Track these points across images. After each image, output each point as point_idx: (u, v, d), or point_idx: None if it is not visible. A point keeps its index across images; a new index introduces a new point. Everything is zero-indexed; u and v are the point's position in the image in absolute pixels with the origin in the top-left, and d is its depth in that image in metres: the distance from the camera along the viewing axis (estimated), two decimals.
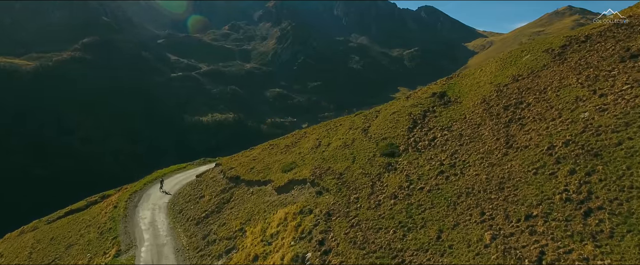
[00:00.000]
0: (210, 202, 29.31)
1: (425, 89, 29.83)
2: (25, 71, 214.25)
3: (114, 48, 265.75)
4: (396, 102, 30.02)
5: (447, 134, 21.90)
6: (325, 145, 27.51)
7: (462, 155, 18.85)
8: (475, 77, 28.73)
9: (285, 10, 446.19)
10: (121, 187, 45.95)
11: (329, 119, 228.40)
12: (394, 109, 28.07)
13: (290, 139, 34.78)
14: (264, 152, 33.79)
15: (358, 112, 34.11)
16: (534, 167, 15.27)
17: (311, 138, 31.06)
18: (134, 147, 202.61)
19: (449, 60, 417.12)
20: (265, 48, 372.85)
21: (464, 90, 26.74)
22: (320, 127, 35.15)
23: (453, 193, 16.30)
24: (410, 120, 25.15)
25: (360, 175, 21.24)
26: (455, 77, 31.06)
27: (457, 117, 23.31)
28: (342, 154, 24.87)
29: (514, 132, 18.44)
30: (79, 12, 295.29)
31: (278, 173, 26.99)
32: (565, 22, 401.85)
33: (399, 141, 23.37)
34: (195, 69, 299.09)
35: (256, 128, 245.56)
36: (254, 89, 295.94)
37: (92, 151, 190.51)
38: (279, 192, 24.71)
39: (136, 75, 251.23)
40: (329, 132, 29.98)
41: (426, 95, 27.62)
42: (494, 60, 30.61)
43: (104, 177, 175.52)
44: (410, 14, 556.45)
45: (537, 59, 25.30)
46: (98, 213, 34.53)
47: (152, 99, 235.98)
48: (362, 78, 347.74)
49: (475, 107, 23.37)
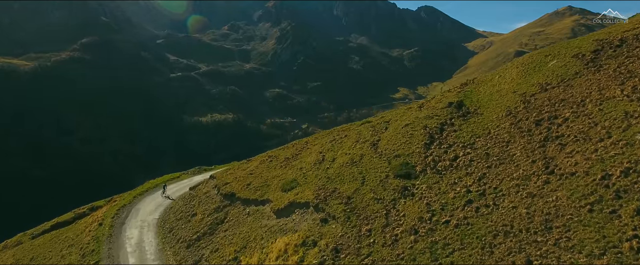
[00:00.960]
0: (203, 221, 26.60)
1: (440, 98, 26.86)
2: (24, 71, 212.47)
3: (113, 48, 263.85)
4: (408, 112, 26.83)
5: (470, 153, 19.09)
6: (330, 161, 24.84)
7: (492, 180, 16.15)
8: (494, 84, 26.13)
9: (284, 11, 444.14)
10: (111, 198, 43.29)
11: (329, 119, 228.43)
12: (406, 120, 25.09)
13: (291, 150, 31.93)
14: (262, 165, 30.98)
15: (364, 121, 31.13)
16: (587, 201, 12.58)
17: (314, 151, 28.19)
18: (133, 147, 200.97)
19: (449, 61, 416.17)
20: (264, 48, 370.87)
21: (483, 100, 24.13)
22: (323, 137, 32.40)
23: (487, 231, 13.59)
24: (426, 134, 22.54)
25: (371, 200, 18.45)
26: (470, 84, 28.25)
27: (480, 132, 20.53)
28: (349, 172, 22.29)
29: (553, 154, 15.75)
30: (78, 12, 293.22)
31: (277, 192, 24.38)
32: (566, 22, 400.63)
33: (414, 160, 20.73)
34: (195, 69, 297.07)
35: (256, 128, 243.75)
36: (254, 89, 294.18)
37: (91, 152, 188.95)
38: (278, 216, 21.98)
39: (135, 75, 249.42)
40: (333, 145, 27.10)
41: (442, 105, 24.79)
42: (514, 65, 27.84)
43: (103, 177, 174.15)
44: (410, 14, 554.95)
45: (567, 66, 22.66)
46: (82, 230, 31.85)
47: (152, 100, 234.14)
48: (362, 78, 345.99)
49: (500, 120, 20.66)
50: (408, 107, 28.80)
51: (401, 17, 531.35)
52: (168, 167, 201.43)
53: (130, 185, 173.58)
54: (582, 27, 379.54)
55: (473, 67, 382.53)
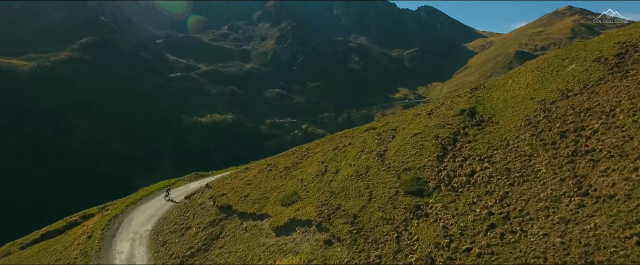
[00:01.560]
0: (197, 236, 24.89)
1: (450, 104, 25.08)
2: (23, 71, 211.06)
3: (112, 48, 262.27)
4: (416, 120, 25.14)
5: (489, 168, 17.50)
6: (333, 173, 23.18)
7: (516, 200, 14.50)
8: (507, 89, 24.56)
9: (284, 10, 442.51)
10: (104, 206, 41.53)
11: (329, 119, 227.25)
12: (415, 128, 23.67)
13: (291, 158, 30.22)
14: (261, 174, 29.27)
15: (368, 127, 29.28)
16: (633, 231, 10.92)
17: (315, 160, 26.51)
18: (132, 148, 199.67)
19: (449, 61, 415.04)
20: (264, 48, 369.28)
21: (498, 107, 22.59)
22: (325, 144, 30.58)
23: (515, 262, 11.94)
24: (438, 145, 20.91)
25: (380, 220, 16.73)
26: (481, 88, 26.71)
27: (498, 144, 18.95)
28: (354, 187, 20.61)
29: (585, 172, 14.10)
30: (77, 12, 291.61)
31: (277, 206, 22.92)
32: (566, 23, 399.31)
33: (427, 174, 19.07)
34: (194, 69, 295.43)
35: (255, 129, 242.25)
36: (253, 89, 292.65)
37: (90, 152, 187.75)
38: (277, 234, 20.27)
39: (135, 75, 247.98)
40: (336, 155, 25.48)
41: (453, 112, 23.16)
42: (527, 69, 26.28)
43: (102, 178, 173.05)
44: (410, 14, 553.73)
45: (588, 71, 21.00)
46: (71, 243, 30.18)
47: (151, 100, 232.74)
48: (362, 78, 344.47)
49: (518, 130, 19.07)
50: (416, 113, 26.91)
51: (401, 17, 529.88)
52: (167, 168, 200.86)
53: (129, 186, 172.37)
54: (582, 27, 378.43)
55: (473, 67, 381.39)
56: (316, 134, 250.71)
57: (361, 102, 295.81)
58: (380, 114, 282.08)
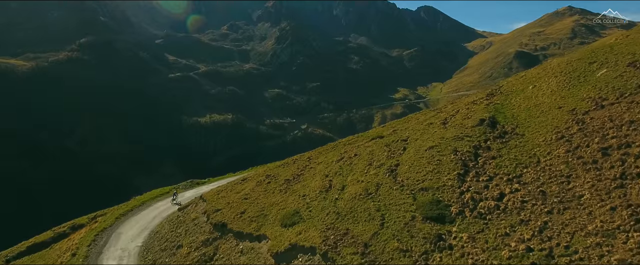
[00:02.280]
0: (189, 257, 22.64)
1: (466, 112, 23.02)
2: (22, 72, 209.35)
3: (111, 48, 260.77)
4: (430, 129, 23.28)
5: (520, 190, 15.44)
6: (339, 189, 20.84)
7: (559, 233, 12.29)
8: (528, 95, 22.58)
9: (284, 10, 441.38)
10: (94, 216, 39.40)
11: (329, 120, 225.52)
12: (430, 140, 21.55)
13: (292, 169, 27.92)
14: (259, 187, 26.95)
15: (375, 135, 27.11)
16: None
17: (318, 172, 24.30)
18: (131, 148, 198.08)
19: (449, 61, 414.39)
20: (264, 48, 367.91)
21: (520, 116, 20.67)
22: (328, 153, 28.41)
23: None
24: (457, 161, 18.59)
25: (395, 252, 14.36)
26: (498, 94, 24.62)
27: (527, 161, 16.94)
28: (364, 208, 18.28)
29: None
30: (76, 12, 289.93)
31: (276, 226, 20.74)
32: (566, 23, 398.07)
33: (447, 196, 16.78)
34: (194, 69, 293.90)
35: (255, 129, 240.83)
36: (253, 89, 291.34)
37: (89, 153, 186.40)
38: (277, 260, 17.92)
39: (134, 75, 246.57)
40: (341, 168, 23.30)
41: (471, 122, 21.10)
42: (549, 72, 24.23)
43: (101, 179, 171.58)
44: (410, 14, 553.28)
45: (623, 77, 18.91)
46: (54, 260, 28.07)
47: (150, 100, 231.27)
48: (362, 78, 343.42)
49: (549, 145, 17.07)
50: (427, 121, 24.74)
51: (401, 17, 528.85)
52: (167, 168, 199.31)
53: (128, 186, 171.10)
54: (583, 28, 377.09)
55: (473, 68, 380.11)
56: (316, 134, 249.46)
57: (361, 102, 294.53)
58: (380, 114, 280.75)
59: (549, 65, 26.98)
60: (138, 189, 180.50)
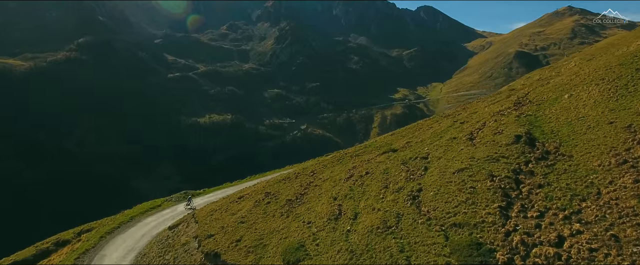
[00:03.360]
0: None
1: (495, 125, 20.77)
2: (19, 72, 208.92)
3: (110, 48, 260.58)
4: (454, 146, 20.29)
5: (583, 232, 12.98)
6: (351, 218, 17.93)
7: None
8: (565, 106, 20.37)
9: (283, 10, 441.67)
10: (81, 230, 37.95)
11: (328, 120, 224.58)
12: (458, 161, 18.66)
13: (294, 186, 25.23)
14: (257, 208, 24.37)
15: (387, 148, 24.97)
16: None
17: (324, 191, 21.71)
18: (130, 149, 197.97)
19: (449, 61, 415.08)
20: (263, 48, 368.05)
21: (561, 132, 18.41)
22: (334, 167, 26.31)
23: None
24: (496, 189, 15.78)
25: None
26: (528, 104, 22.41)
27: (583, 191, 14.66)
28: (383, 246, 15.48)
29: None
30: (74, 12, 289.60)
31: (277, 261, 18.68)
32: (566, 23, 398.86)
33: (489, 237, 13.97)
34: (193, 69, 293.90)
35: (254, 129, 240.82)
36: (252, 89, 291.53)
37: (87, 153, 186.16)
38: None
39: (133, 75, 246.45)
40: (352, 189, 20.48)
41: (505, 138, 18.85)
42: (587, 79, 22.15)
43: (100, 180, 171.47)
44: (410, 14, 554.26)
45: None
46: None
47: (149, 100, 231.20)
48: (361, 78, 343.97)
49: (609, 171, 14.93)
50: (450, 135, 21.86)
51: (400, 17, 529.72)
52: (166, 169, 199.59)
53: (126, 187, 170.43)
54: (583, 28, 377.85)
55: (473, 68, 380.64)
56: (315, 134, 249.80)
57: (361, 102, 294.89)
58: (380, 114, 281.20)
59: (583, 69, 25.05)
60: (136, 190, 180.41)
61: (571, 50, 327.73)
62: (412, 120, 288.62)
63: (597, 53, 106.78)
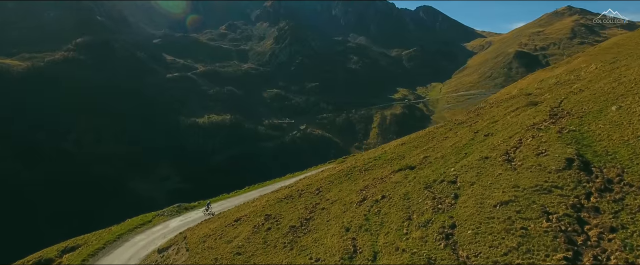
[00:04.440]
0: None
1: (536, 144, 17.37)
2: (17, 71, 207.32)
3: (108, 48, 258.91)
4: (488, 168, 16.94)
5: None
6: (369, 259, 14.74)
7: None
8: (614, 120, 17.26)
9: (282, 10, 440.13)
10: (65, 247, 35.24)
11: (328, 120, 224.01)
12: (498, 190, 14.91)
13: (298, 207, 22.09)
14: (257, 236, 21.03)
15: (402, 165, 21.92)
16: None
17: (334, 217, 18.75)
18: (128, 149, 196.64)
19: (448, 61, 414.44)
20: (262, 48, 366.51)
21: (620, 153, 15.20)
22: (342, 184, 23.66)
23: None
24: (557, 234, 12.36)
25: None
26: (567, 116, 19.43)
27: None
28: None
29: None
30: (72, 11, 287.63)
31: None
32: (565, 23, 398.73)
33: None
34: (192, 69, 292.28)
35: (253, 129, 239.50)
36: (252, 89, 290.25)
37: (85, 154, 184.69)
38: None
39: (131, 75, 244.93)
40: (367, 218, 17.06)
41: (554, 162, 15.32)
42: (631, 88, 19.56)
43: (98, 180, 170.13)
44: (409, 14, 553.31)
45: None
46: None
47: (148, 100, 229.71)
48: (361, 78, 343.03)
49: None
50: (481, 154, 18.55)
51: (400, 17, 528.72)
52: (164, 169, 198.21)
53: (124, 188, 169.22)
54: (582, 27, 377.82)
55: (472, 68, 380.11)
56: (315, 134, 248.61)
57: (360, 102, 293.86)
58: (380, 114, 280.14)
59: (625, 74, 22.22)
60: (134, 191, 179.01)
61: (571, 50, 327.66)
62: (412, 120, 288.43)
63: (603, 53, 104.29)
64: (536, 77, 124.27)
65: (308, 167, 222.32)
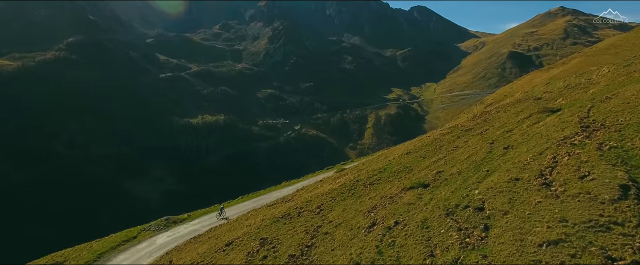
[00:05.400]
0: None
1: (575, 164, 14.96)
2: (7, 71, 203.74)
3: (100, 48, 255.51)
4: (522, 192, 14.24)
5: None
6: None
7: None
8: None
9: (276, 10, 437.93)
10: None
11: (322, 120, 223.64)
12: (541, 224, 12.06)
13: (298, 230, 19.59)
14: None
15: (415, 183, 19.17)
16: None
17: (340, 246, 16.09)
18: (121, 150, 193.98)
19: (443, 61, 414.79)
20: (256, 48, 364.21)
21: None
22: (345, 201, 21.15)
23: None
24: None
25: None
26: (601, 129, 17.02)
27: None
28: None
29: None
30: (64, 10, 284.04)
31: None
32: (558, 23, 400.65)
33: None
34: (185, 69, 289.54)
35: (248, 130, 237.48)
36: (246, 89, 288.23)
37: (77, 155, 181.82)
38: None
39: (124, 75, 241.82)
40: (380, 250, 14.44)
41: (606, 191, 12.62)
42: None
43: (89, 182, 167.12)
44: (403, 14, 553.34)
45: None
46: None
47: (141, 101, 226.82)
48: (355, 79, 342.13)
49: None
50: (510, 175, 15.59)
51: (394, 17, 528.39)
52: (158, 170, 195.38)
53: (117, 189, 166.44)
54: (575, 28, 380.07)
55: (466, 68, 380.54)
56: (309, 135, 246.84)
57: (354, 102, 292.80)
58: (374, 114, 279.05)
59: None
60: (127, 192, 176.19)
61: (564, 50, 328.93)
62: (407, 120, 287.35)
63: (600, 54, 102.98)
64: (532, 78, 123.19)
65: (303, 166, 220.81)
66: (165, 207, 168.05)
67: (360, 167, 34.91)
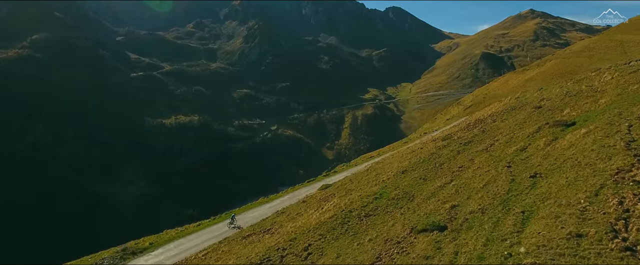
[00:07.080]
0: None
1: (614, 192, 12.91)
2: None
3: (67, 46, 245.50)
4: (597, 262, 9.96)
5: None
6: None
7: None
8: None
9: (251, 9, 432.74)
10: None
11: (299, 120, 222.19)
12: None
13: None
14: None
15: (424, 223, 16.41)
16: None
17: None
18: (89, 152, 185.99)
19: (418, 61, 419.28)
20: (231, 47, 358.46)
21: None
22: (340, 242, 18.50)
23: None
24: None
25: None
26: None
27: None
28: None
29: None
30: (28, 7, 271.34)
31: None
32: (528, 25, 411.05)
33: None
34: (158, 68, 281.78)
35: (223, 130, 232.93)
36: (220, 89, 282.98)
37: (42, 158, 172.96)
38: None
39: (92, 74, 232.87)
40: None
41: None
42: None
43: (56, 186, 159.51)
44: (379, 15, 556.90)
45: None
46: None
47: (111, 101, 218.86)
48: (332, 79, 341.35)
49: None
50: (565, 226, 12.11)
51: (369, 17, 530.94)
52: (129, 173, 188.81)
53: (87, 192, 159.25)
54: (544, 30, 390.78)
55: (441, 68, 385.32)
56: (286, 135, 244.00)
57: (331, 102, 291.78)
58: (351, 114, 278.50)
59: None
60: (97, 196, 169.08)
61: (534, 51, 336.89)
62: (383, 120, 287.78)
63: (575, 56, 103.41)
64: (508, 79, 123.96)
65: (279, 167, 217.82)
66: (139, 210, 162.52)
67: (348, 186, 31.90)
